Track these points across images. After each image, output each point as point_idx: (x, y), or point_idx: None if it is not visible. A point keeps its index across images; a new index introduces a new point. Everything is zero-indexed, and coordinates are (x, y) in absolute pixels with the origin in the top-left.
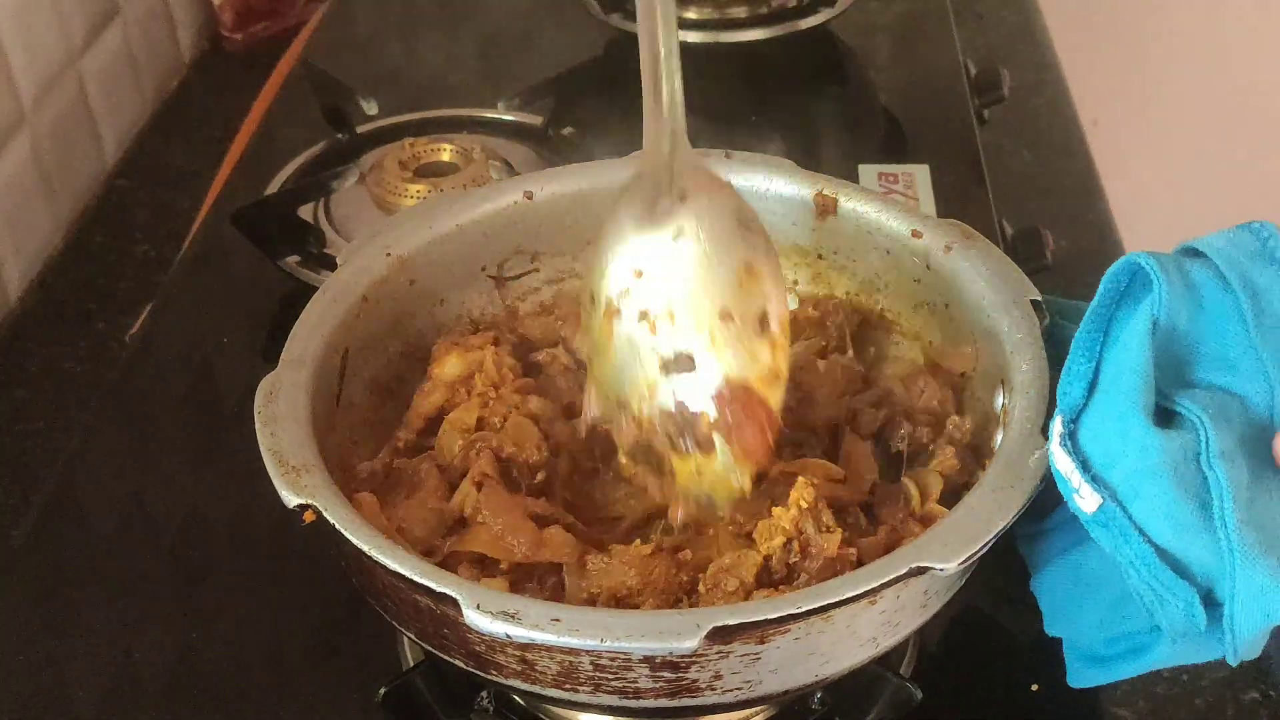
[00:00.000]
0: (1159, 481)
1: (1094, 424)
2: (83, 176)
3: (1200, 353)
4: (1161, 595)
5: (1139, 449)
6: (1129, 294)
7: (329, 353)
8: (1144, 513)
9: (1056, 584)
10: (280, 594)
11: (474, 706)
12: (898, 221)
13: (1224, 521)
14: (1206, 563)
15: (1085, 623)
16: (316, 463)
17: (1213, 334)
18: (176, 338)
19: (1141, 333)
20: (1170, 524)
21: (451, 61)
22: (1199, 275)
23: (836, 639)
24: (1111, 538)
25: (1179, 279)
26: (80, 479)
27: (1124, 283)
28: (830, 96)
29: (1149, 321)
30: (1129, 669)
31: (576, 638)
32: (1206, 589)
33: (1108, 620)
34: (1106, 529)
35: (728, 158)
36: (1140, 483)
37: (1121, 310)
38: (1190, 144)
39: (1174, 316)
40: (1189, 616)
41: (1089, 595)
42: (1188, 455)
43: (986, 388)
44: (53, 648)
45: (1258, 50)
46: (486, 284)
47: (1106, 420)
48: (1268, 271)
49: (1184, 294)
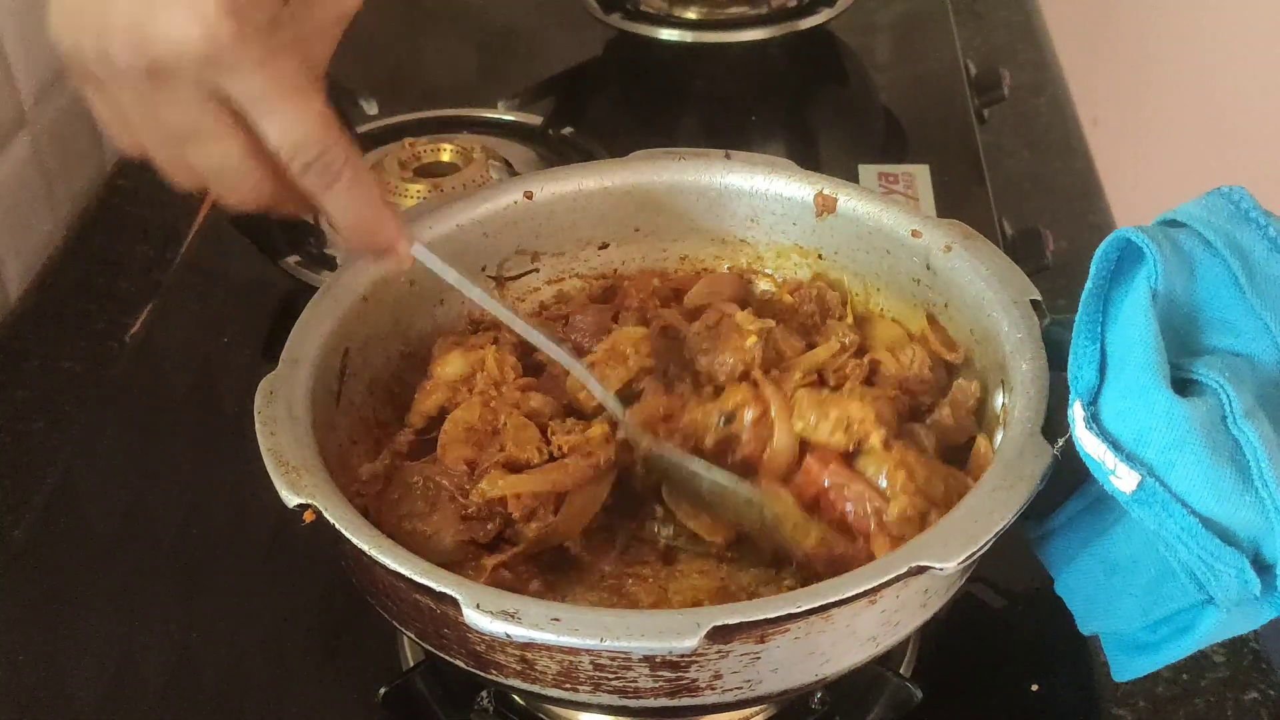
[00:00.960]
0: (1194, 450)
1: (1115, 402)
2: (83, 176)
3: (1201, 319)
4: (1212, 566)
5: (1167, 420)
6: (1120, 271)
7: (329, 353)
8: (1183, 483)
9: (1085, 580)
10: (280, 594)
11: (474, 706)
12: (898, 221)
13: (1264, 480)
14: (1252, 524)
15: (1124, 613)
16: (316, 462)
17: (1210, 299)
18: (176, 338)
19: (1143, 305)
20: (1211, 491)
21: (451, 61)
22: (1187, 243)
23: (836, 638)
24: (1155, 514)
25: (1169, 249)
26: (80, 479)
27: (1115, 260)
28: (830, 96)
29: (1148, 293)
30: (1178, 649)
31: (576, 637)
32: (1254, 552)
33: (1148, 605)
34: (1149, 506)
35: (728, 158)
36: (1174, 454)
37: (1116, 288)
38: (1190, 144)
39: (1171, 286)
40: (1242, 583)
41: (1123, 584)
42: (1215, 419)
43: (984, 386)
44: (53, 648)
45: (1257, 50)
46: (487, 284)
47: (1128, 396)
48: (1248, 232)
49: (1176, 263)
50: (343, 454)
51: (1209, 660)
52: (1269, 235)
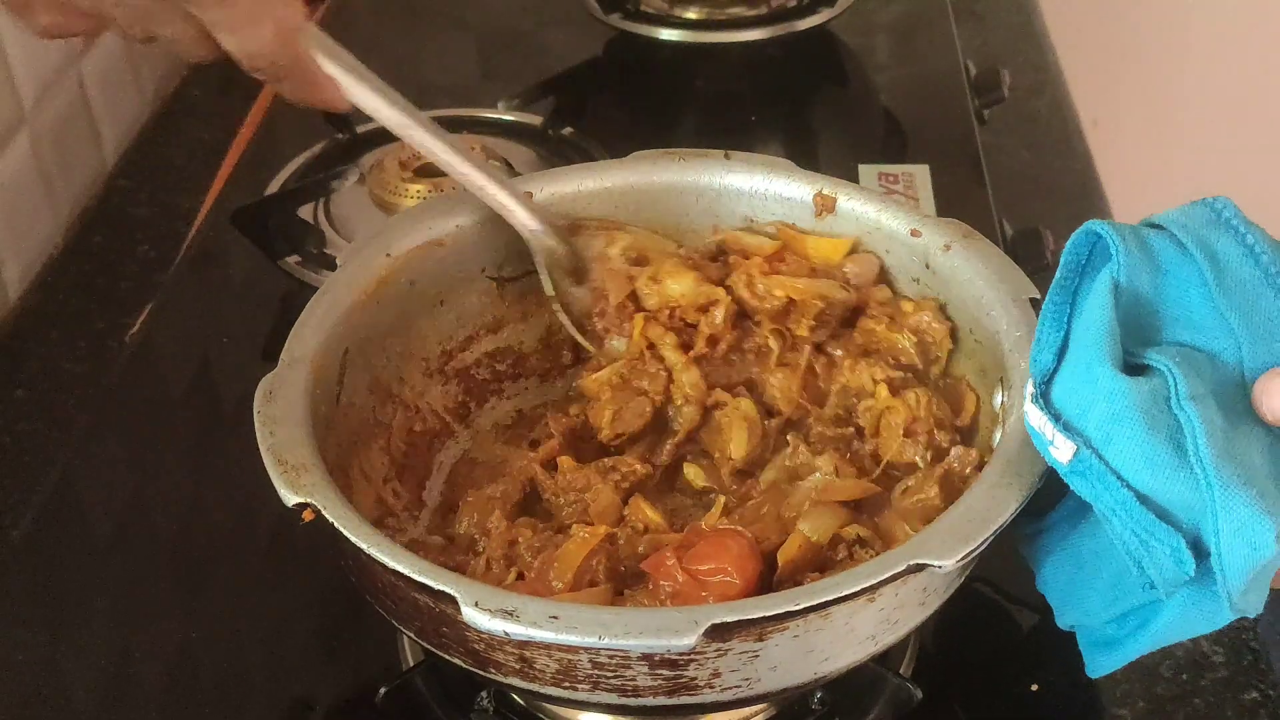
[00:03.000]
0: (1131, 424)
1: (1064, 381)
2: (83, 176)
3: (1164, 315)
4: (1146, 542)
5: (1106, 395)
6: (1091, 264)
7: (329, 352)
8: (1119, 457)
9: (1059, 574)
10: (280, 594)
11: (474, 706)
12: (897, 221)
13: (1199, 457)
14: (1189, 503)
15: (1091, 606)
16: (315, 461)
17: (1175, 297)
18: (176, 338)
19: (1103, 293)
20: (1147, 466)
21: (451, 61)
22: (1157, 243)
23: (835, 636)
24: (1090, 486)
25: (1136, 245)
26: (80, 479)
27: (1085, 253)
28: (830, 96)
29: (1110, 284)
30: (1139, 645)
31: (574, 635)
32: (1194, 536)
33: (1110, 599)
34: (1084, 477)
35: (728, 158)
36: (1112, 427)
37: (1085, 280)
38: (1190, 144)
39: (1135, 280)
40: (1177, 562)
41: (1090, 577)
42: (1158, 399)
43: (985, 387)
44: (53, 648)
45: (1258, 50)
46: (486, 284)
47: (1075, 374)
48: (1224, 238)
49: (1143, 259)
50: (342, 454)
51: (1209, 660)
52: (1245, 241)
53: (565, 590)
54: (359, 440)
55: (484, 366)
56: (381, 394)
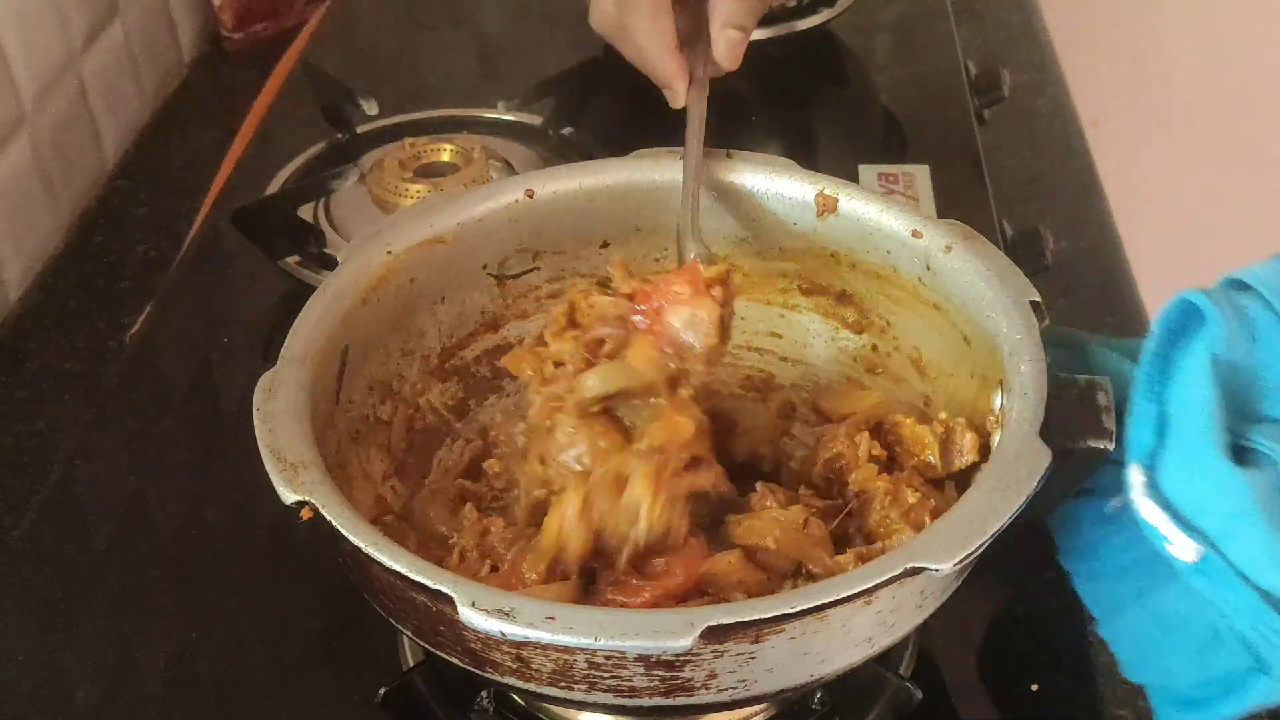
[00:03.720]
0: (1254, 523)
1: (1173, 469)
2: (83, 176)
3: (1262, 386)
4: (1270, 639)
5: (1227, 491)
6: (1183, 331)
7: (329, 351)
8: (1243, 557)
9: (1136, 630)
10: (280, 594)
11: (474, 706)
12: (898, 221)
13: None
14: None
15: (1174, 667)
16: (315, 460)
17: (1272, 366)
18: (176, 338)
19: (1203, 370)
20: (1272, 565)
21: (451, 61)
22: (1251, 308)
23: (832, 639)
24: (1213, 586)
25: (1232, 313)
26: (80, 479)
27: (1177, 321)
28: (830, 96)
29: (1208, 358)
30: (1227, 709)
31: (571, 636)
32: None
33: (1199, 663)
34: (1208, 577)
35: (729, 157)
36: (1235, 526)
37: (1177, 349)
38: (1190, 144)
39: (1232, 351)
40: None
41: (1175, 640)
42: (1274, 492)
43: (984, 391)
44: (53, 648)
45: (1257, 50)
46: (487, 282)
47: (1185, 464)
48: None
49: (1238, 328)
50: (342, 452)
51: None
52: None
53: (539, 582)
54: (358, 438)
55: (484, 364)
56: (381, 392)
